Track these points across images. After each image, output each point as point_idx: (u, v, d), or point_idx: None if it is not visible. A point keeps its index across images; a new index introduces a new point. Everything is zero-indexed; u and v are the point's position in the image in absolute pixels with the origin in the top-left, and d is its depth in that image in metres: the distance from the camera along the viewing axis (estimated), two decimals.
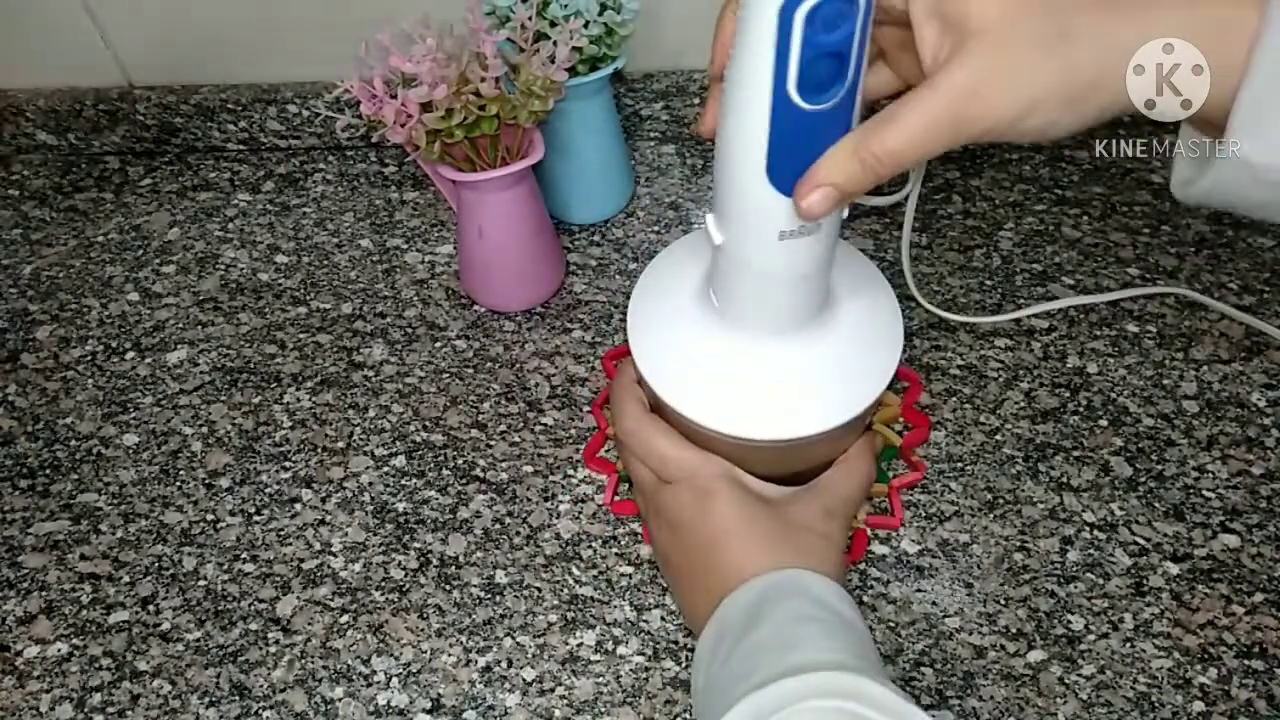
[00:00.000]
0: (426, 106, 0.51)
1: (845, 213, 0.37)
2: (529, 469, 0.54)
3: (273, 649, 0.48)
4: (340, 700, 0.46)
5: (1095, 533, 0.50)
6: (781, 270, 0.37)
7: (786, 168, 0.32)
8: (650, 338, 0.44)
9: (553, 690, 0.46)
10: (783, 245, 0.35)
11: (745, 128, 0.31)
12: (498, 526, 0.52)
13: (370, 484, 0.54)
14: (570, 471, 0.54)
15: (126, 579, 0.51)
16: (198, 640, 0.48)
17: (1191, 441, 0.53)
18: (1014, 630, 0.47)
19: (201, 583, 0.51)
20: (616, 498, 0.52)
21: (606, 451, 0.55)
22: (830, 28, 0.28)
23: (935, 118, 0.29)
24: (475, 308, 0.63)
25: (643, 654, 0.47)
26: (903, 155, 0.30)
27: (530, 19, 0.52)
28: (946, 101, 0.29)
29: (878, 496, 0.51)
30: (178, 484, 0.55)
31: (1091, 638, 0.46)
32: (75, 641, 0.49)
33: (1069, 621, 0.47)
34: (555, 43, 0.52)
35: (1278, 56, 0.26)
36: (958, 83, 0.29)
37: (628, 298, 0.63)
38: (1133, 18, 0.27)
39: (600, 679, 0.46)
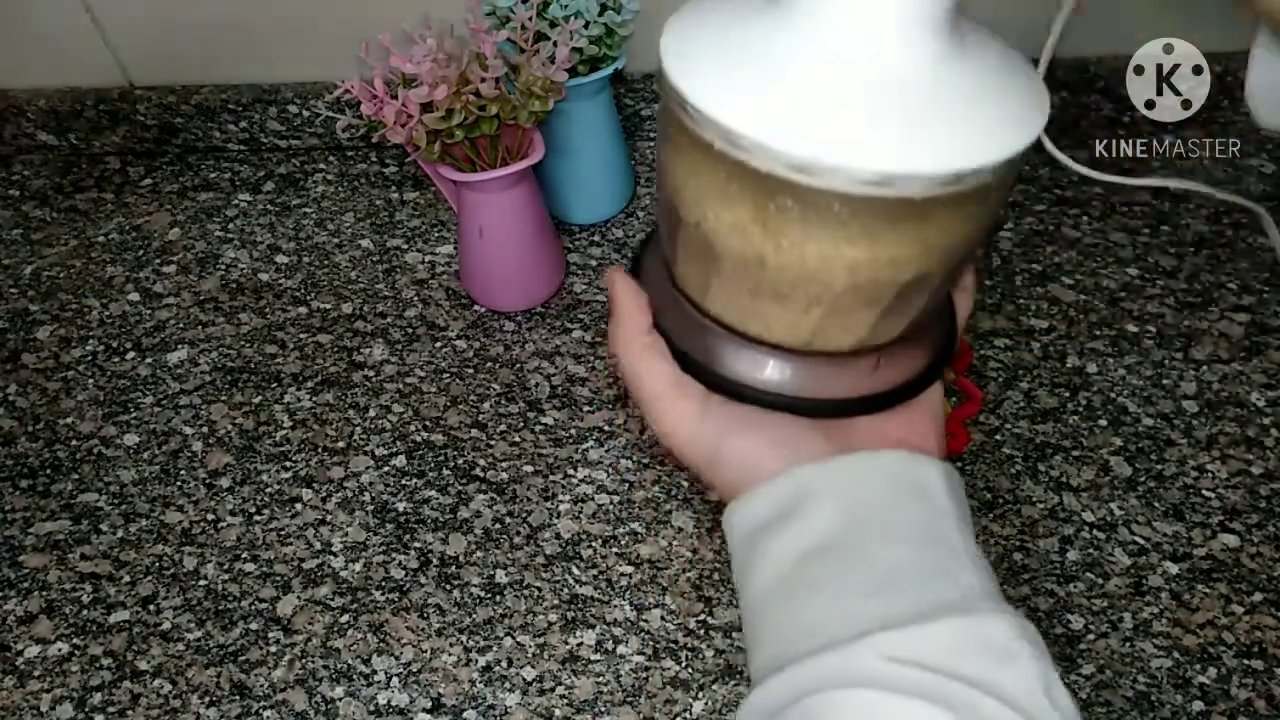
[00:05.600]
0: (427, 107, 0.51)
1: None
2: (529, 469, 0.54)
3: (273, 648, 0.48)
4: (340, 700, 0.46)
5: (1095, 532, 0.50)
6: None
7: None
8: (690, 34, 0.28)
9: (553, 690, 0.46)
10: None
11: None
12: (498, 526, 0.52)
13: (370, 484, 0.54)
14: (570, 471, 0.54)
15: (127, 579, 0.51)
16: (198, 640, 0.49)
17: (1191, 441, 0.53)
18: None
19: (202, 582, 0.51)
20: None
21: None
22: None
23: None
24: (475, 308, 0.63)
25: (643, 654, 0.47)
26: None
27: (530, 19, 0.52)
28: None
29: None
30: (178, 484, 0.55)
31: (1091, 637, 0.46)
32: (76, 641, 0.49)
33: (1068, 621, 0.47)
34: (555, 43, 0.52)
35: None
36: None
37: None
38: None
39: (600, 679, 0.46)
